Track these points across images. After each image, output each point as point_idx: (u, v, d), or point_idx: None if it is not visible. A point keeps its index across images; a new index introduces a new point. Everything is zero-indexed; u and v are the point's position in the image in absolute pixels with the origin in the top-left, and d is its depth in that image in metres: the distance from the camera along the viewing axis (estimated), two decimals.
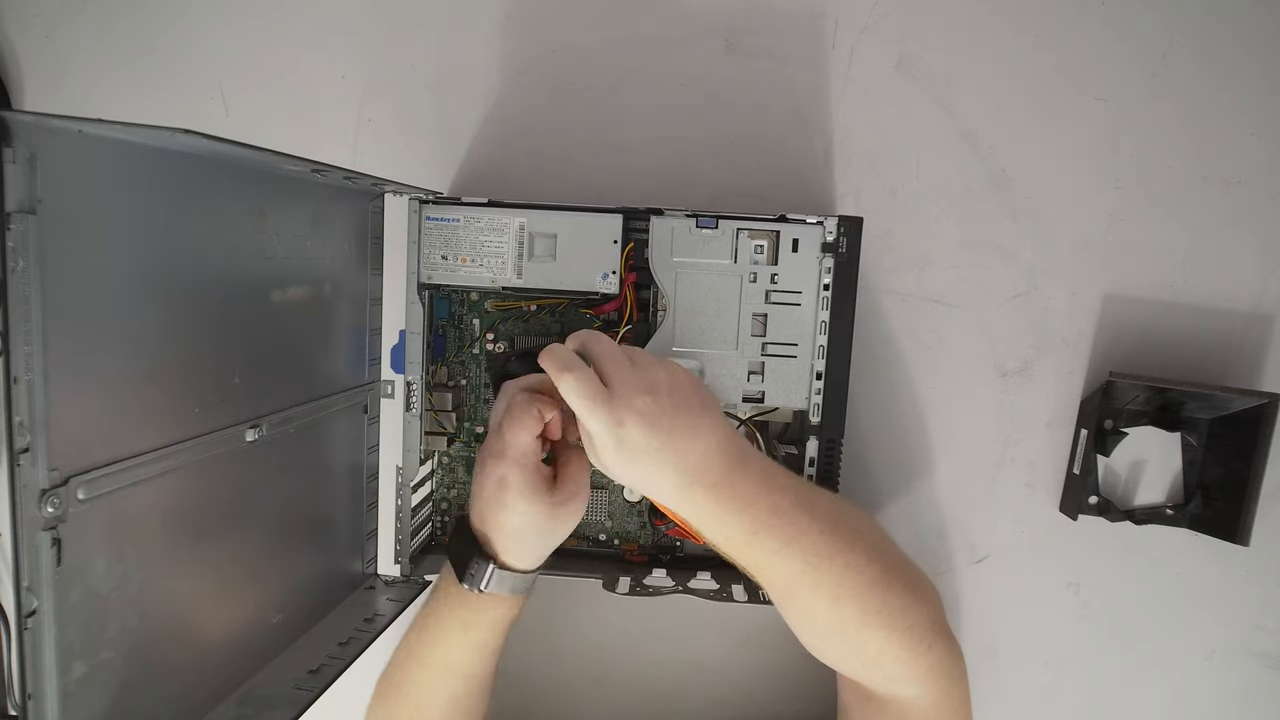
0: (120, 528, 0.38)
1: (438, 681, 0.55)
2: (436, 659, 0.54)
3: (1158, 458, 0.68)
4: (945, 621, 0.54)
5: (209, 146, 0.39)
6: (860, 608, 0.49)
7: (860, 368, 0.62)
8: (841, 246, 0.58)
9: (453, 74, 0.69)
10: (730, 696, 0.72)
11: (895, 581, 0.51)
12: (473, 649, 0.53)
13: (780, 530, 0.48)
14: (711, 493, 0.46)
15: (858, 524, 0.52)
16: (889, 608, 0.50)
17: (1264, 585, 0.67)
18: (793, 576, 0.49)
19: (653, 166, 0.68)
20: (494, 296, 0.65)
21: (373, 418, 0.65)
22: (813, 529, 0.48)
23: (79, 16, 0.70)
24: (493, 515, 0.50)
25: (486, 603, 0.52)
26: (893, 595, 0.50)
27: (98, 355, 0.37)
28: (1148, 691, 0.69)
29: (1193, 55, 0.64)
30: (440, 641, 0.54)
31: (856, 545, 0.50)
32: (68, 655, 0.35)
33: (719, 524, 0.47)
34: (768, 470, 0.49)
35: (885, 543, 0.53)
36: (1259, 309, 0.65)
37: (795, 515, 0.48)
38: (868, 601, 0.49)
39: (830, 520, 0.49)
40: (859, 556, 0.49)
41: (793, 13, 0.66)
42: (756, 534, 0.47)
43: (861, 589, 0.49)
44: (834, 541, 0.49)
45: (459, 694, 0.55)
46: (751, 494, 0.47)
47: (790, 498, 0.48)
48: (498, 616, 0.53)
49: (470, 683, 0.55)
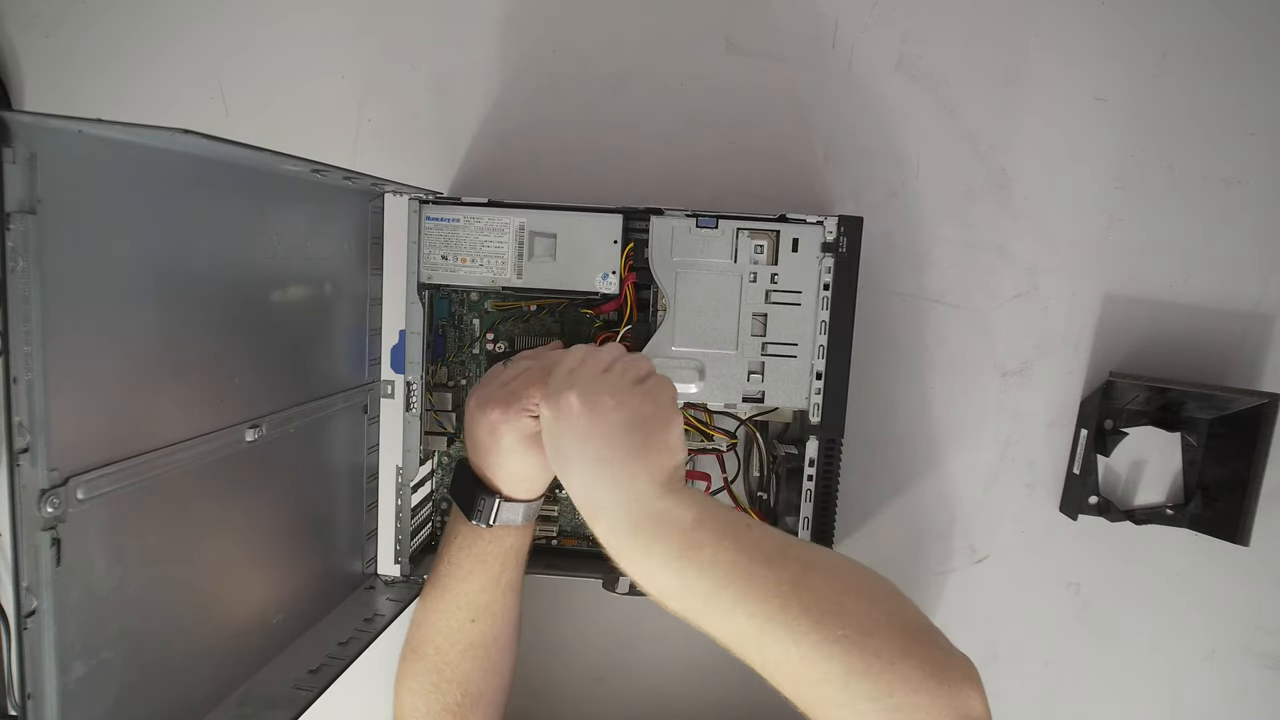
0: (120, 528, 0.38)
1: (458, 627, 0.56)
2: (454, 602, 0.56)
3: (1158, 458, 0.68)
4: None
5: (209, 146, 0.39)
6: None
7: (860, 368, 0.62)
8: (841, 246, 0.58)
9: (453, 74, 0.69)
10: (730, 696, 0.72)
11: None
12: (490, 581, 0.56)
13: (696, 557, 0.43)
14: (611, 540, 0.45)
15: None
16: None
17: (1264, 585, 0.67)
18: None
19: (653, 166, 0.68)
20: (494, 296, 0.65)
21: (373, 418, 0.65)
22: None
23: (79, 16, 0.70)
24: (484, 458, 0.53)
25: (498, 533, 0.55)
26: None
27: (98, 355, 0.37)
28: (1148, 691, 0.69)
29: (1193, 55, 0.64)
30: (457, 583, 0.56)
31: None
32: (67, 655, 0.35)
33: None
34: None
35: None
36: (1259, 309, 0.65)
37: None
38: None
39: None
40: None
41: (793, 13, 0.66)
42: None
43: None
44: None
45: (484, 639, 0.56)
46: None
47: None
48: (510, 546, 0.56)
49: (491, 624, 0.56)
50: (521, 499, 0.55)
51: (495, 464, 0.53)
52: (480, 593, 0.56)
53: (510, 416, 0.52)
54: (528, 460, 0.53)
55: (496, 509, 0.54)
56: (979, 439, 0.69)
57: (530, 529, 0.57)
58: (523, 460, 0.53)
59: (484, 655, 0.57)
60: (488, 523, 0.54)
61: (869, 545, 0.69)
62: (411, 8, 0.69)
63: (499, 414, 0.52)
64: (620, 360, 0.49)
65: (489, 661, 0.57)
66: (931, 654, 0.41)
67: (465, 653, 0.56)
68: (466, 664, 0.56)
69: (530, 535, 0.57)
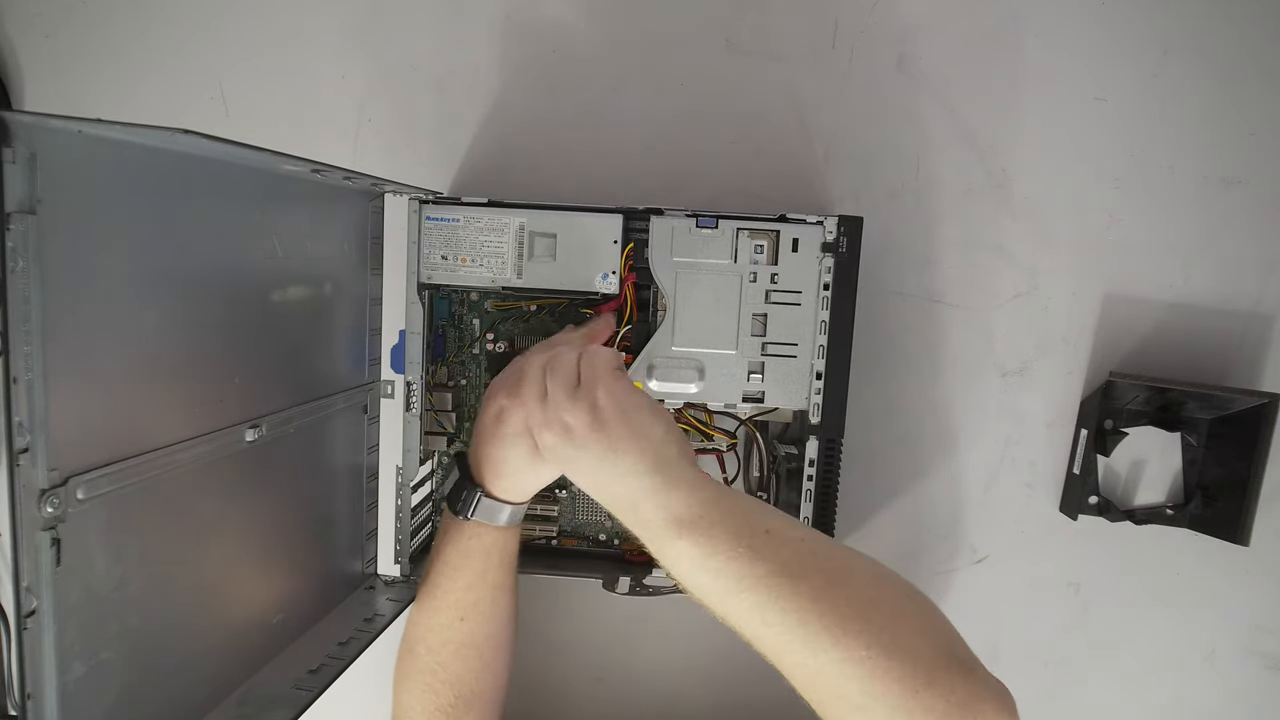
0: (120, 528, 0.38)
1: (448, 625, 0.56)
2: (443, 600, 0.55)
3: (1158, 458, 0.68)
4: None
5: (209, 146, 0.39)
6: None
7: (860, 368, 0.62)
8: (841, 246, 0.58)
9: (453, 74, 0.69)
10: (730, 697, 0.72)
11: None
12: (475, 578, 0.55)
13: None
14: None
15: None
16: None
17: (1264, 585, 0.67)
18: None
19: (653, 166, 0.68)
20: (494, 296, 0.65)
21: (373, 418, 0.65)
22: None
23: (79, 16, 0.70)
24: (484, 444, 0.53)
25: (478, 530, 0.54)
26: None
27: (98, 355, 0.37)
28: (1148, 692, 0.69)
29: (1193, 55, 0.64)
30: (445, 580, 0.55)
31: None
32: (67, 655, 0.35)
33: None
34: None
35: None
36: (1259, 309, 0.65)
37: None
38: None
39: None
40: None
41: (792, 12, 0.66)
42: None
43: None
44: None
45: (474, 639, 0.56)
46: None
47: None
48: (491, 544, 0.55)
49: (481, 623, 0.56)
50: (504, 499, 0.53)
51: (488, 451, 0.53)
52: (467, 590, 0.55)
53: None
54: (517, 449, 0.52)
55: (476, 502, 0.53)
56: (979, 439, 0.69)
57: (516, 534, 0.56)
58: (514, 447, 0.52)
59: (476, 655, 0.56)
60: (466, 515, 0.53)
61: (869, 545, 0.69)
62: (411, 8, 0.69)
63: (506, 400, 0.52)
64: (547, 369, 0.50)
65: (481, 661, 0.57)
66: (962, 684, 0.38)
67: (457, 653, 0.56)
68: (459, 664, 0.56)
69: (517, 540, 0.56)
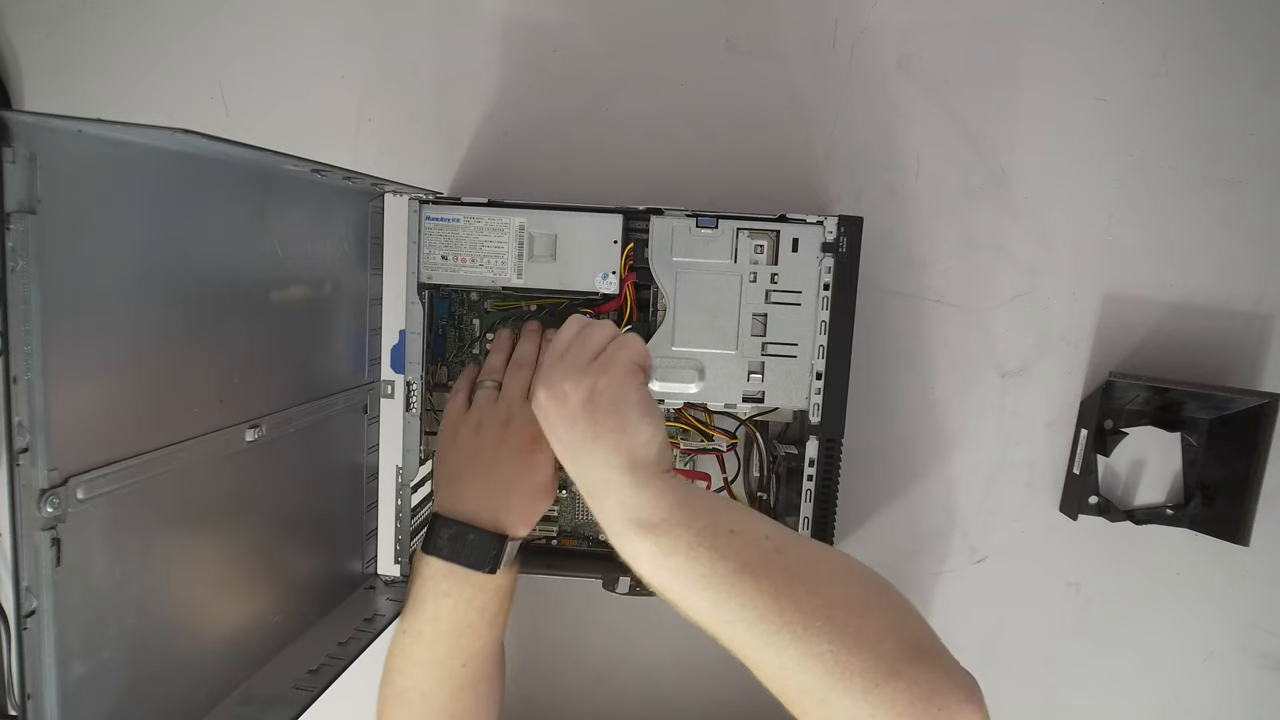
0: (120, 528, 0.38)
1: (449, 673, 0.55)
2: (446, 653, 0.54)
3: (1158, 458, 0.68)
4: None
5: (209, 146, 0.39)
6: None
7: (860, 368, 0.62)
8: (841, 246, 0.58)
9: (453, 74, 0.69)
10: (730, 696, 0.72)
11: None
12: (487, 625, 0.55)
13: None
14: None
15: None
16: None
17: (1264, 585, 0.67)
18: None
19: (653, 166, 0.68)
20: (494, 296, 0.65)
21: (373, 418, 0.65)
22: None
23: (79, 16, 0.70)
24: (466, 464, 0.54)
25: (485, 580, 0.53)
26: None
27: (97, 355, 0.37)
28: (1148, 692, 0.69)
29: (1193, 55, 0.64)
30: (455, 637, 0.54)
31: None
32: (68, 655, 0.35)
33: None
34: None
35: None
36: (1259, 309, 0.65)
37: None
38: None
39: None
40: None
41: (792, 13, 0.66)
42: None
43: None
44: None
45: (474, 679, 0.56)
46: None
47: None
48: (503, 583, 0.55)
49: (483, 664, 0.56)
50: (518, 536, 0.53)
51: (473, 470, 0.53)
52: (475, 639, 0.54)
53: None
54: (514, 456, 0.53)
55: (509, 552, 0.53)
56: (979, 439, 0.69)
57: (515, 567, 0.56)
58: (510, 454, 0.53)
59: (473, 693, 0.56)
60: (497, 568, 0.52)
61: (869, 545, 0.69)
62: (411, 8, 0.69)
63: (511, 406, 0.54)
64: (579, 335, 0.48)
65: (477, 697, 0.56)
66: (926, 675, 0.38)
67: (455, 695, 0.55)
68: (456, 705, 0.55)
69: (515, 571, 0.56)
